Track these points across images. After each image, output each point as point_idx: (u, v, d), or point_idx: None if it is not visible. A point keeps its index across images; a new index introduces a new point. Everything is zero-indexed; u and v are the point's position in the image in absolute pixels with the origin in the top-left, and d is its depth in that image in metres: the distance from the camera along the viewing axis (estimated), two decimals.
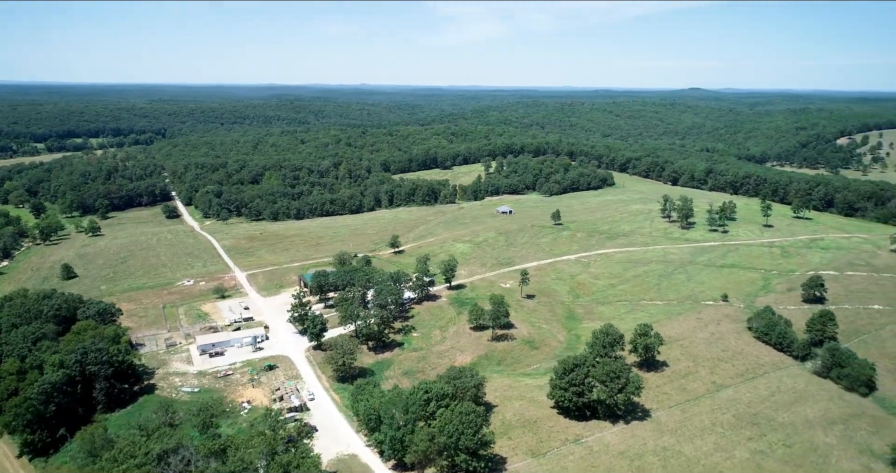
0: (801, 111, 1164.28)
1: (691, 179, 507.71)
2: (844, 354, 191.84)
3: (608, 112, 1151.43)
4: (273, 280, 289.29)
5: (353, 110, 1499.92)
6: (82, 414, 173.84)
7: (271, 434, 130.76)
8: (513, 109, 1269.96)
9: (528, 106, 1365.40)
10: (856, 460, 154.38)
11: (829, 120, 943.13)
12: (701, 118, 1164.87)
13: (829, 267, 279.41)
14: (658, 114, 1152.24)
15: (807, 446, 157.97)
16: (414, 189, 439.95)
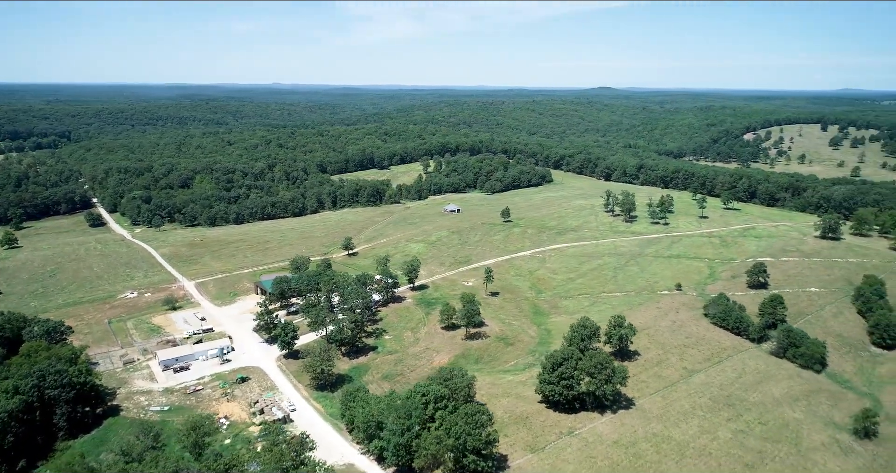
0: (708, 108, 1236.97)
1: (623, 174, 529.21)
2: (798, 335, 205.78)
3: (531, 111, 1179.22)
4: (225, 288, 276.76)
5: (272, 110, 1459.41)
6: (42, 443, 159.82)
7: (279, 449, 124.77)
8: (437, 109, 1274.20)
9: (451, 105, 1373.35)
10: (823, 432, 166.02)
11: (734, 117, 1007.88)
12: (618, 116, 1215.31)
13: (764, 254, 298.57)
14: (578, 113, 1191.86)
15: (779, 422, 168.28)
16: (358, 190, 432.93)
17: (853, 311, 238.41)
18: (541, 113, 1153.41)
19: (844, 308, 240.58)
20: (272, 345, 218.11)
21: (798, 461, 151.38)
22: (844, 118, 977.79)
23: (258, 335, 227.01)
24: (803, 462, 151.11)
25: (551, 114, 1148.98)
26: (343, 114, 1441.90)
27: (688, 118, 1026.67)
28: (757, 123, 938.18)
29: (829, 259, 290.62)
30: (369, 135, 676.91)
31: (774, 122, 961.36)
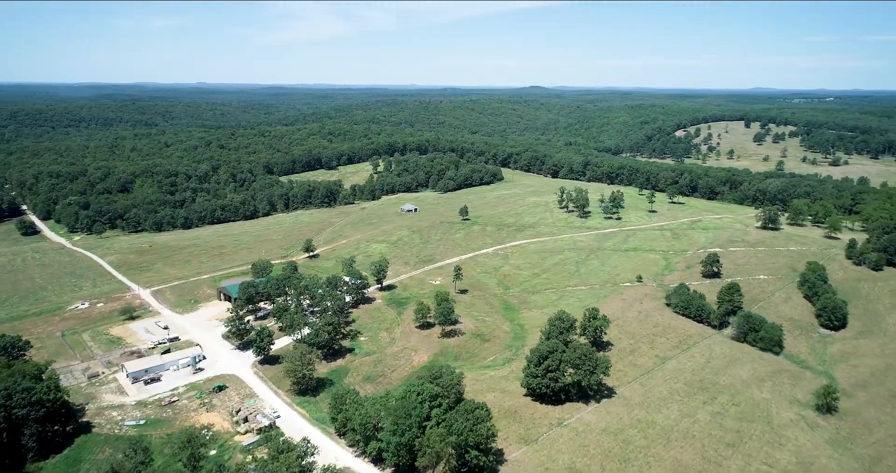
0: (638, 107, 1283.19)
1: (570, 171, 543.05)
2: (757, 320, 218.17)
3: (470, 110, 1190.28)
4: (184, 295, 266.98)
5: (203, 111, 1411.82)
6: (10, 466, 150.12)
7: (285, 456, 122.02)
8: (376, 108, 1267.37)
9: (389, 105, 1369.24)
10: (790, 410, 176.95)
11: (665, 115, 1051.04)
12: (554, 115, 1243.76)
13: (714, 245, 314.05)
14: (516, 112, 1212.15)
15: (751, 403, 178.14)
16: (311, 191, 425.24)
17: (800, 296, 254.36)
18: (480, 112, 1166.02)
19: (792, 293, 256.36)
20: (245, 352, 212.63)
21: (773, 438, 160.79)
22: (765, 115, 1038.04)
23: (228, 342, 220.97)
24: (777, 439, 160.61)
25: (491, 113, 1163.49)
26: (278, 114, 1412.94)
27: (622, 116, 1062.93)
28: (686, 121, 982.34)
29: (773, 248, 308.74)
30: (313, 136, 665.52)
31: (702, 120, 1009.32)
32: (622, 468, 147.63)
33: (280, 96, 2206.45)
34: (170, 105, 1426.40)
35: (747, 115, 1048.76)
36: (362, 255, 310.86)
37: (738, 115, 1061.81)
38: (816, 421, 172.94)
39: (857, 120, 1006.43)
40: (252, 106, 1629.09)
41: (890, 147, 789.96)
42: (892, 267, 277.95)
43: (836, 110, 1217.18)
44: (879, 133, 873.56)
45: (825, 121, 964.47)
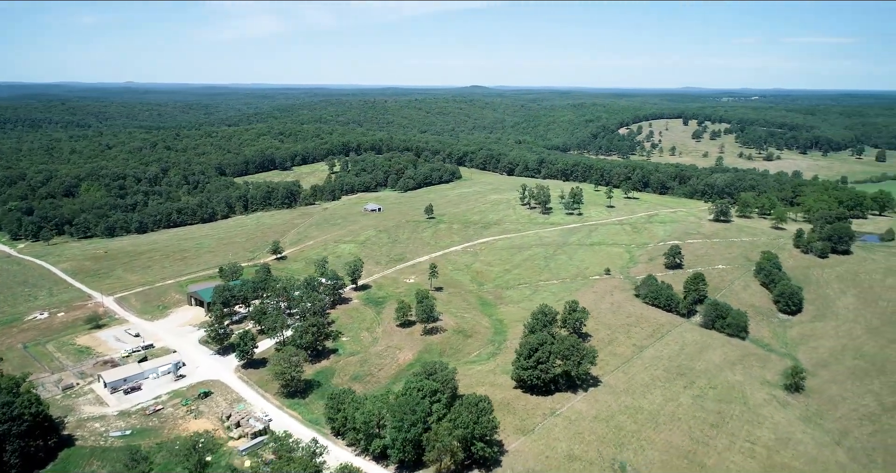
0: (580, 106, 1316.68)
1: (526, 169, 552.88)
2: (724, 307, 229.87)
3: (417, 109, 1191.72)
4: (150, 301, 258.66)
5: (138, 111, 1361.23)
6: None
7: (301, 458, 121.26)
8: (321, 108, 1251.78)
9: (335, 104, 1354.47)
10: (762, 390, 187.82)
11: (607, 113, 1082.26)
12: (500, 114, 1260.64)
13: (672, 238, 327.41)
14: (463, 111, 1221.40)
15: (726, 385, 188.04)
16: (270, 192, 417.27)
17: (757, 284, 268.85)
18: (428, 111, 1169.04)
19: (750, 281, 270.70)
20: (226, 356, 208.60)
21: (752, 417, 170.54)
22: (701, 113, 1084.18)
23: (206, 347, 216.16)
24: (755, 418, 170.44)
25: (438, 112, 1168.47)
26: (219, 114, 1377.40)
27: (567, 115, 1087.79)
28: (629, 119, 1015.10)
29: (727, 239, 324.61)
30: (263, 136, 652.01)
31: (643, 118, 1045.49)
32: (618, 452, 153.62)
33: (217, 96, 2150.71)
34: (103, 105, 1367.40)
35: (684, 113, 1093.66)
36: (332, 256, 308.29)
37: (675, 113, 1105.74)
38: (787, 400, 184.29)
39: (784, 117, 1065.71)
40: (190, 106, 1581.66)
41: (817, 142, 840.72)
42: (836, 254, 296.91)
43: (764, 108, 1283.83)
44: (805, 129, 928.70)
45: (756, 119, 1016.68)
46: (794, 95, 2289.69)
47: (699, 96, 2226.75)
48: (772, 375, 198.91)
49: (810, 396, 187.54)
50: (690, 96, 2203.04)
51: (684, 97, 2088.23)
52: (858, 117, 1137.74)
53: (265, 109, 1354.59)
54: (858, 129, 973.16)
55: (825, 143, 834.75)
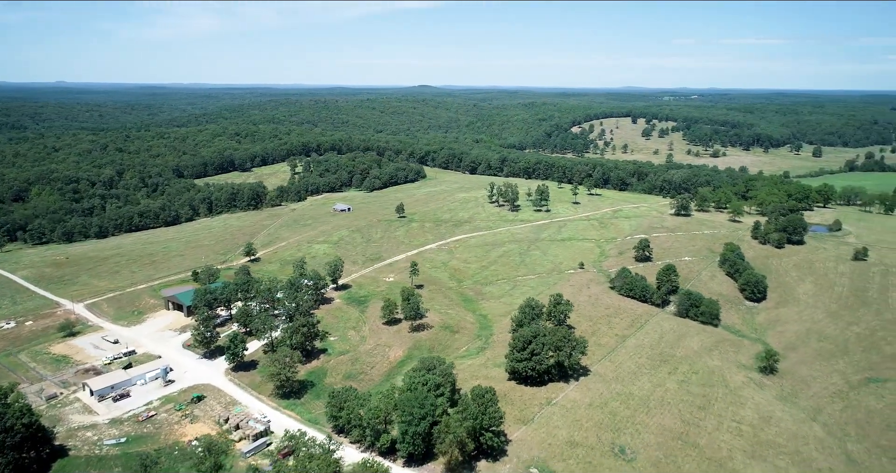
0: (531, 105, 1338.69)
1: (488, 168, 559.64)
2: (696, 297, 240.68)
3: (371, 108, 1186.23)
4: (124, 307, 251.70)
5: (78, 112, 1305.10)
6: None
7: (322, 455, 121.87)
8: (272, 108, 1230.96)
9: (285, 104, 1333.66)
10: (739, 373, 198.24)
11: (560, 112, 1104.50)
12: (454, 113, 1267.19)
13: (638, 232, 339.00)
14: (417, 110, 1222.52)
15: (707, 370, 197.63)
16: (235, 194, 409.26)
17: (723, 274, 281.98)
18: (382, 111, 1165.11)
19: (716, 272, 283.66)
20: (214, 360, 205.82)
21: (734, 398, 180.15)
22: (648, 112, 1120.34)
23: (191, 351, 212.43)
24: (738, 399, 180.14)
25: (392, 112, 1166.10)
26: (164, 114, 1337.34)
27: (520, 114, 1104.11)
28: (580, 118, 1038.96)
29: (689, 232, 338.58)
30: (219, 137, 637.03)
31: (594, 117, 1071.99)
32: (615, 436, 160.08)
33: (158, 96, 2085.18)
34: (38, 106, 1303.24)
35: (632, 112, 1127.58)
36: (307, 256, 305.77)
37: (624, 112, 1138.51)
38: (763, 381, 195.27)
39: (726, 115, 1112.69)
40: (132, 106, 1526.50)
41: (758, 139, 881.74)
42: (791, 244, 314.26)
43: (706, 107, 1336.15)
44: (746, 127, 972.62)
45: (700, 117, 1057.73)
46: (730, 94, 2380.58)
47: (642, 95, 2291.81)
48: (746, 359, 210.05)
49: (783, 377, 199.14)
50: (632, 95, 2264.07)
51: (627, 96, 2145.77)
52: (793, 115, 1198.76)
53: (212, 109, 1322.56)
54: (794, 127, 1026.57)
55: (766, 140, 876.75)
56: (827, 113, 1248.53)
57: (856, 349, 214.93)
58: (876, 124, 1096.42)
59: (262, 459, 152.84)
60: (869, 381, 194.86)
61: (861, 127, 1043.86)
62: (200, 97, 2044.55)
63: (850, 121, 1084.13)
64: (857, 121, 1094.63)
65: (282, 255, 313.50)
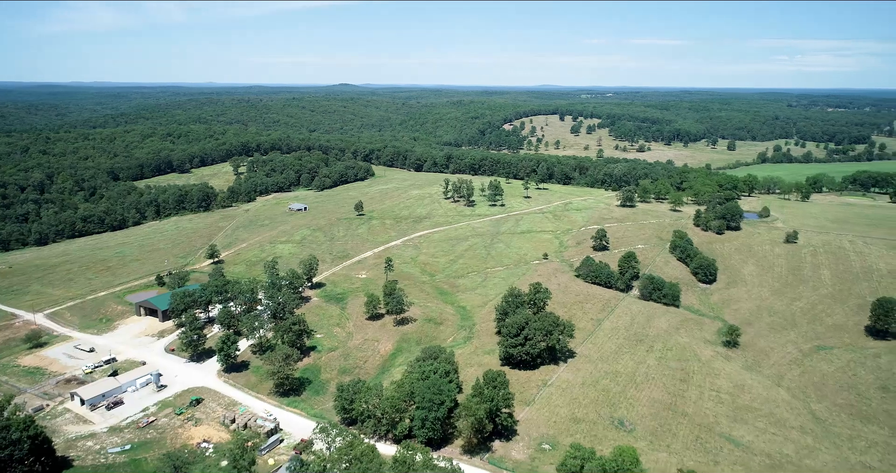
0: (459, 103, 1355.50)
1: (434, 165, 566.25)
2: (658, 281, 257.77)
3: (301, 108, 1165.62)
4: (89, 315, 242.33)
5: None
6: None
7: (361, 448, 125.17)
8: (197, 107, 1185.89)
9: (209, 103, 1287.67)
10: (707, 348, 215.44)
11: (490, 110, 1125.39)
12: (384, 112, 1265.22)
13: (591, 223, 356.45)
14: (348, 109, 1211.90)
15: (679, 347, 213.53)
16: (183, 196, 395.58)
17: (675, 259, 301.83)
18: (312, 110, 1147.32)
19: (669, 258, 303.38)
20: (202, 363, 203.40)
21: (709, 370, 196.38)
22: (574, 109, 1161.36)
23: (176, 355, 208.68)
24: (712, 371, 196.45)
25: (323, 111, 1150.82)
26: (72, 115, 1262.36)
27: (452, 112, 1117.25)
28: (511, 115, 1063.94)
29: (638, 222, 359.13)
30: (150, 138, 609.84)
31: (523, 114, 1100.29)
32: (612, 411, 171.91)
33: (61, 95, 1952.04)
34: None
35: (559, 110, 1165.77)
36: (272, 257, 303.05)
37: (551, 110, 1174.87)
38: (728, 354, 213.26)
39: (645, 112, 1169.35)
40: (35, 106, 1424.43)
41: (678, 134, 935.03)
42: (729, 230, 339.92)
43: (626, 104, 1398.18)
44: (666, 123, 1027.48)
45: (622, 114, 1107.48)
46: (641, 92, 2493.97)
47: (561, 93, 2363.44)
48: (710, 335, 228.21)
49: (745, 350, 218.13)
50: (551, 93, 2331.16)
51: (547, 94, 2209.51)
52: (705, 112, 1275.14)
53: (127, 109, 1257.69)
54: (707, 123, 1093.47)
55: (685, 135, 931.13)
56: (734, 110, 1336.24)
57: (802, 321, 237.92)
58: (777, 119, 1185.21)
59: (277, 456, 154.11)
60: (818, 349, 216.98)
61: (766, 122, 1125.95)
62: (109, 96, 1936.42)
63: (756, 118, 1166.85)
64: (762, 118, 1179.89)
65: (246, 256, 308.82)
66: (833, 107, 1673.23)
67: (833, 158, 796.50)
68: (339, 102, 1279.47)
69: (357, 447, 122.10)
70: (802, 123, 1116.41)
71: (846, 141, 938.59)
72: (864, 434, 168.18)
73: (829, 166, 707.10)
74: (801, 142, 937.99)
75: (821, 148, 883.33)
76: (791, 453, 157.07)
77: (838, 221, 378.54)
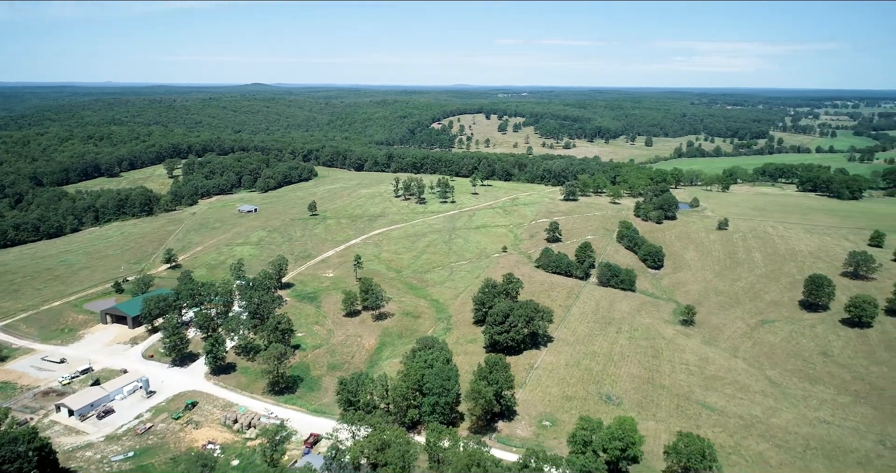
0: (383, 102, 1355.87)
1: (375, 164, 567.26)
2: (615, 268, 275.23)
3: (223, 108, 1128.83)
4: (48, 326, 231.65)
5: None
6: None
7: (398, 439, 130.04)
8: (106, 108, 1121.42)
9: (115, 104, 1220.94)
10: (668, 327, 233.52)
11: (418, 109, 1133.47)
12: (308, 111, 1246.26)
13: (540, 217, 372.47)
14: (272, 109, 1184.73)
15: (644, 327, 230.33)
16: (123, 200, 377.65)
17: (623, 248, 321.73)
18: (234, 110, 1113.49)
19: (618, 247, 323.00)
20: (186, 367, 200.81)
21: (675, 347, 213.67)
22: (499, 109, 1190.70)
23: (155, 361, 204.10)
24: (677, 347, 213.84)
25: (246, 111, 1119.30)
26: None
27: (379, 111, 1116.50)
28: (439, 115, 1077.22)
29: (583, 214, 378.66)
30: (69, 141, 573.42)
31: (450, 113, 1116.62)
32: (599, 387, 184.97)
33: None
34: None
35: (484, 109, 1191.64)
36: (231, 259, 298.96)
37: (476, 109, 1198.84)
38: (688, 332, 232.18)
39: (565, 111, 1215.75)
40: None
41: (599, 132, 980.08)
42: (667, 220, 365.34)
43: (546, 103, 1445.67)
44: (586, 121, 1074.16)
45: (544, 113, 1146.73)
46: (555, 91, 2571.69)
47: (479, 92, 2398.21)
48: (667, 315, 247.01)
49: (700, 327, 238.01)
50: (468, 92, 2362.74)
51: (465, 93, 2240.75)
52: (619, 110, 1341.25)
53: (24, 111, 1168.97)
54: (624, 120, 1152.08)
55: (605, 132, 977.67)
56: (646, 108, 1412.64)
57: (745, 299, 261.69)
58: (685, 117, 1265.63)
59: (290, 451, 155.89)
60: (763, 323, 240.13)
61: (676, 119, 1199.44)
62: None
63: (667, 115, 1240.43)
64: (672, 115, 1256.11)
65: (204, 260, 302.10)
66: (731, 104, 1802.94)
67: (740, 152, 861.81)
68: (262, 102, 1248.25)
69: (387, 431, 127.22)
70: (708, 120, 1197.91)
71: (748, 136, 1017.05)
72: (814, 394, 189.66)
73: (737, 159, 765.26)
74: (710, 138, 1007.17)
75: (727, 143, 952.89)
76: (759, 413, 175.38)
77: (758, 209, 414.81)
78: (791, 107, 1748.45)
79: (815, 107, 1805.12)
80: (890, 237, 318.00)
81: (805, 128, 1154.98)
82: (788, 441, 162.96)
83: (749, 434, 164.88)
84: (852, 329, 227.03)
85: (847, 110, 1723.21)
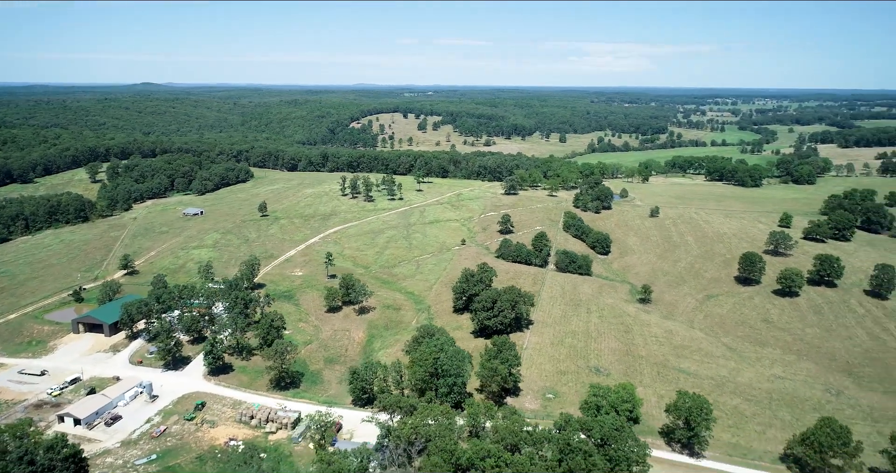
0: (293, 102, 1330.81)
1: (309, 164, 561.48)
2: (572, 255, 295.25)
3: (125, 109, 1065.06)
4: (11, 339, 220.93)
5: None
6: None
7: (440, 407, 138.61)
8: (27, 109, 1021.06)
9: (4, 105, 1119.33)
10: (630, 305, 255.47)
11: (335, 109, 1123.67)
12: (217, 112, 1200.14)
13: (487, 210, 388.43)
14: (178, 110, 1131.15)
15: (609, 306, 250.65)
16: (55, 206, 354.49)
17: (571, 237, 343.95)
18: (139, 111, 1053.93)
19: (566, 236, 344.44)
20: (180, 370, 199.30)
21: (641, 322, 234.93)
22: (415, 108, 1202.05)
23: (146, 367, 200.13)
24: (643, 322, 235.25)
25: (152, 112, 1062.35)
26: None
27: (297, 111, 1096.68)
28: (357, 114, 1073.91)
29: (527, 207, 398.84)
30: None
31: (368, 112, 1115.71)
32: (587, 362, 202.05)
33: None
34: None
35: (400, 108, 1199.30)
36: (191, 263, 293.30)
37: (392, 108, 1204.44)
38: (647, 309, 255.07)
39: (479, 109, 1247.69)
40: None
41: (515, 129, 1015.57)
42: (605, 210, 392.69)
43: (460, 102, 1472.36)
44: (501, 119, 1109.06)
45: (460, 111, 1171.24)
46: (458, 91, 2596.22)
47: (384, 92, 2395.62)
48: (625, 295, 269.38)
49: (657, 304, 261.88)
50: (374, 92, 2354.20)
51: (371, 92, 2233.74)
52: (529, 108, 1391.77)
53: None
54: (535, 118, 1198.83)
55: (521, 130, 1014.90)
56: (553, 106, 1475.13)
57: (689, 278, 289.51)
58: (590, 114, 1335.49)
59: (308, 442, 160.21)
60: (708, 298, 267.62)
61: (582, 117, 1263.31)
62: None
63: (574, 113, 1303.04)
64: (578, 113, 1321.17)
65: (161, 264, 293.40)
66: (627, 102, 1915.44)
67: (646, 147, 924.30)
68: (167, 103, 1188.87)
69: (434, 408, 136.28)
70: (611, 118, 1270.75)
71: (650, 132, 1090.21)
72: (765, 355, 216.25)
73: (645, 153, 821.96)
74: (617, 134, 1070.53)
75: (633, 138, 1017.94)
76: (726, 374, 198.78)
77: (679, 197, 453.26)
78: (679, 105, 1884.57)
79: (699, 104, 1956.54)
80: (795, 219, 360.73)
81: (697, 124, 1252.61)
82: (755, 396, 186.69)
83: (723, 392, 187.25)
84: (784, 298, 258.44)
85: (727, 107, 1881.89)
